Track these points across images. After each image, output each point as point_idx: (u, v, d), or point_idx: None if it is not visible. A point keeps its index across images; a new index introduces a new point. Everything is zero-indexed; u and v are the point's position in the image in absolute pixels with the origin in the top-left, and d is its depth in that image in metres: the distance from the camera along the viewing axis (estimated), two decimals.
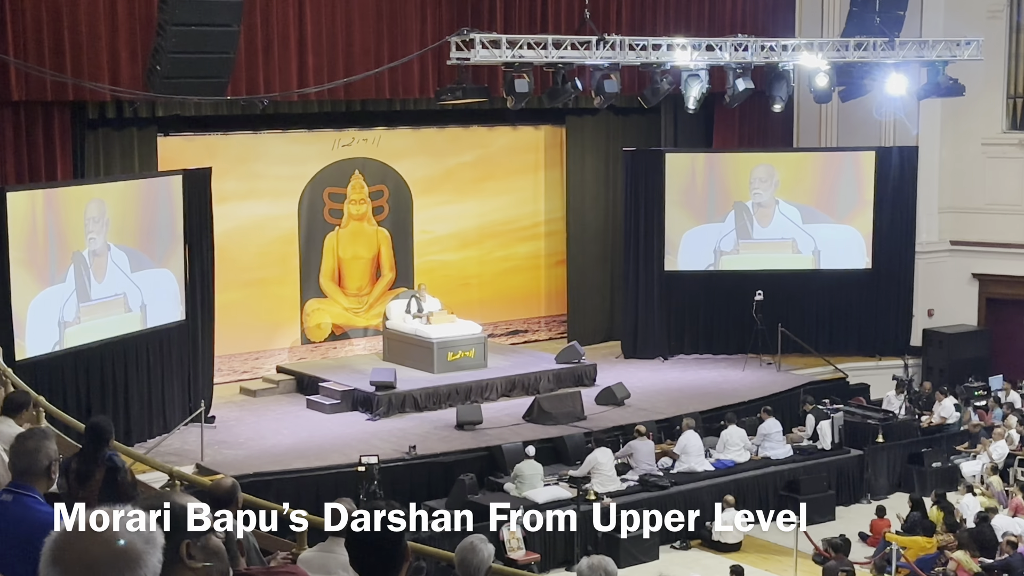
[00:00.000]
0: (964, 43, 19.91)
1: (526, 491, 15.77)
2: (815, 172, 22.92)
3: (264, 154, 20.47)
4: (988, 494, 16.95)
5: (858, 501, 17.92)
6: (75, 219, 16.37)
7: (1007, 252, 23.08)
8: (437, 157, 22.14)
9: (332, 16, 19.00)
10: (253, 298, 20.32)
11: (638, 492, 16.31)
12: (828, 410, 18.86)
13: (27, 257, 15.46)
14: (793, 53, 19.19)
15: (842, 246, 22.59)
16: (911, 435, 19.19)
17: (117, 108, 18.09)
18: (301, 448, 16.75)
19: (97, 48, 16.95)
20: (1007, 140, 23.13)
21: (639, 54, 18.17)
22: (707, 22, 21.93)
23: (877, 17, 19.78)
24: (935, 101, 21.25)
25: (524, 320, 23.37)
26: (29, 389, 10.94)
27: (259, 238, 20.46)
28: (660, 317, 22.41)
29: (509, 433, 17.44)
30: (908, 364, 22.38)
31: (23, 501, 4.69)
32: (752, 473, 17.34)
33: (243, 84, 17.49)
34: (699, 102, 19.25)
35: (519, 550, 14.51)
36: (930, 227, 23.26)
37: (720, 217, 22.61)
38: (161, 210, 17.52)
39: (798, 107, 22.48)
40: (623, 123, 23.00)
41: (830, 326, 22.39)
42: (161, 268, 17.49)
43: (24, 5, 16.40)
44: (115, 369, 16.74)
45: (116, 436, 13.35)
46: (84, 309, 16.42)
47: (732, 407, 18.88)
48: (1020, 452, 18.63)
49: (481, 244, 22.78)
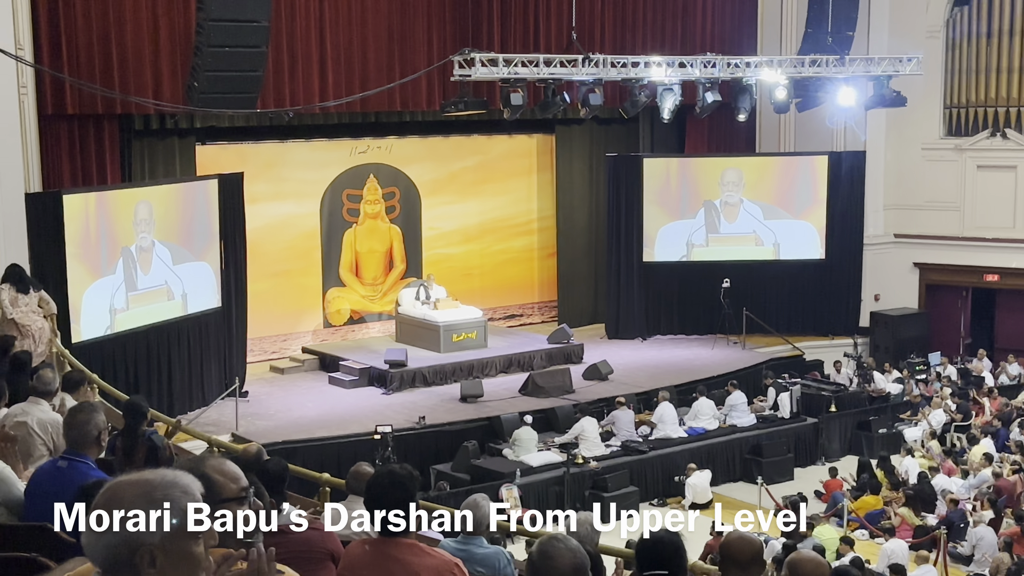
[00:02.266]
0: (906, 59, 19.91)
1: (522, 455, 15.79)
2: (775, 174, 22.90)
3: (290, 160, 20.43)
4: (928, 457, 17.00)
5: (813, 463, 17.94)
6: (124, 218, 16.35)
7: (944, 244, 23.11)
8: (442, 162, 22.10)
9: (349, 38, 18.98)
10: (281, 287, 20.31)
11: (620, 456, 16.38)
12: (787, 383, 18.89)
13: (81, 252, 15.44)
14: (755, 69, 19.19)
15: (799, 239, 22.58)
16: (860, 405, 19.25)
17: (160, 120, 18.05)
18: (324, 419, 16.77)
19: (142, 67, 16.91)
20: (944, 145, 23.13)
21: (620, 71, 18.15)
22: (680, 42, 21.88)
23: (829, 37, 19.78)
24: (880, 111, 21.23)
25: (519, 305, 23.36)
26: (84, 368, 10.94)
27: (285, 234, 20.44)
28: (639, 302, 22.41)
29: (507, 405, 17.45)
30: (857, 343, 22.40)
31: (77, 466, 4.69)
32: (720, 439, 17.40)
33: (271, 98, 17.45)
34: (673, 113, 19.23)
35: (516, 508, 14.51)
36: (876, 222, 23.26)
37: (691, 214, 22.59)
38: (199, 210, 17.49)
39: (760, 117, 22.45)
40: (606, 132, 22.96)
41: (788, 309, 22.37)
42: (200, 261, 17.46)
43: (77, 29, 16.36)
44: (159, 350, 16.74)
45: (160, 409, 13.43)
46: (132, 298, 16.40)
47: (703, 381, 18.89)
48: (955, 419, 18.68)
49: (481, 239, 22.75)
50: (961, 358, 22.13)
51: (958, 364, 21.57)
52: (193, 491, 2.30)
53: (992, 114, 22.75)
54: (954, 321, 23.24)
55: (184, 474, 2.33)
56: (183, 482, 2.29)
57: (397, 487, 3.90)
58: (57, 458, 4.85)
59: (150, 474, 2.30)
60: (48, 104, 16.37)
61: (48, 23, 16.19)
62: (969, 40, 22.77)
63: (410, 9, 19.62)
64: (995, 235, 22.62)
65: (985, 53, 22.66)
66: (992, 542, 13.70)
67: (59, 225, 14.92)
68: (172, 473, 2.31)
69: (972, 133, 22.93)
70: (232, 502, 2.90)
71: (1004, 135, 22.62)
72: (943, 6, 22.82)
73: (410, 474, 4.00)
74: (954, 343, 22.95)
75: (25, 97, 15.43)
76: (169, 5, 17.08)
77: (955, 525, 14.22)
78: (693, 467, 16.25)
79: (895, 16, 22.65)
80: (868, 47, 21.46)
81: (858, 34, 20.64)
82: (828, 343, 22.24)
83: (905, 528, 14.60)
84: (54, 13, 16.20)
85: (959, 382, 20.58)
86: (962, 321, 23.36)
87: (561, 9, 20.49)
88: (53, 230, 14.92)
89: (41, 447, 6.30)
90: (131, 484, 2.27)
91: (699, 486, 16.12)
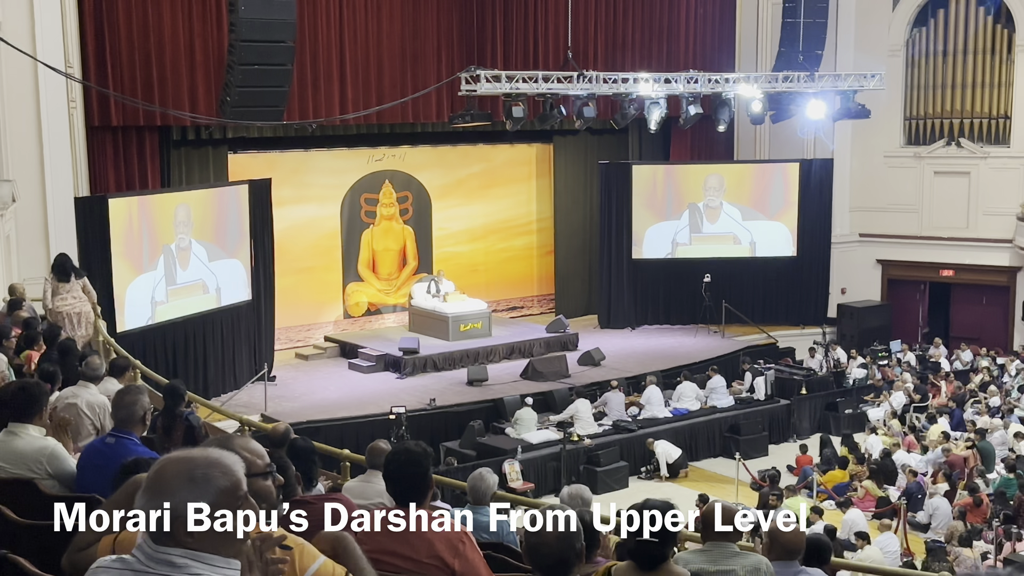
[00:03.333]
0: (870, 76, 19.90)
1: (523, 433, 15.82)
2: (751, 179, 22.88)
3: (313, 167, 20.44)
4: (890, 434, 17.02)
5: (786, 440, 17.96)
6: (164, 220, 16.39)
7: (904, 242, 23.14)
8: (451, 169, 22.11)
9: (366, 56, 19.00)
10: (305, 282, 20.33)
11: (611, 434, 16.40)
12: (762, 368, 18.90)
13: (125, 250, 15.49)
14: (734, 84, 19.18)
15: (773, 238, 22.57)
16: (828, 388, 19.25)
17: (196, 131, 18.09)
18: (344, 401, 16.80)
19: (179, 83, 16.94)
20: (904, 153, 23.14)
21: (611, 86, 18.16)
22: (665, 60, 21.86)
23: (800, 55, 19.77)
24: (847, 122, 21.22)
25: (520, 298, 23.36)
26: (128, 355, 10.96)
27: (309, 234, 20.46)
28: (628, 295, 22.42)
29: (509, 388, 17.48)
30: (826, 332, 22.40)
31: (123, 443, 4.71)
32: (702, 419, 17.41)
33: (296, 111, 17.47)
34: (659, 124, 19.25)
35: (518, 480, 14.55)
36: (842, 222, 23.25)
37: (676, 216, 22.58)
38: (232, 212, 17.51)
39: (738, 127, 22.44)
40: (599, 141, 22.95)
41: (763, 301, 22.37)
42: (232, 259, 17.48)
43: (121, 49, 16.40)
44: (195, 339, 16.79)
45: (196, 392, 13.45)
46: (171, 291, 16.44)
47: (686, 366, 18.91)
48: (915, 401, 18.70)
49: (486, 238, 22.75)
50: (919, 345, 22.15)
51: (917, 351, 21.59)
52: (234, 471, 2.30)
53: (948, 125, 22.76)
54: (913, 312, 23.26)
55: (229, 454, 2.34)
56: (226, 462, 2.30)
57: (413, 463, 3.92)
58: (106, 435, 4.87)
59: (197, 452, 2.31)
60: (95, 116, 16.41)
61: (95, 43, 16.23)
62: (927, 58, 22.77)
63: (421, 30, 19.64)
64: (950, 234, 22.64)
65: (941, 70, 22.66)
66: (947, 512, 13.73)
67: (105, 226, 14.97)
68: (217, 453, 2.31)
69: (929, 142, 22.94)
70: (258, 476, 2.94)
71: (959, 144, 22.63)
72: (903, 27, 22.82)
73: (424, 451, 4.01)
74: (913, 332, 22.98)
75: (74, 110, 15.46)
76: (204, 27, 17.11)
77: (914, 496, 14.24)
78: (651, 440, 16.28)
79: (860, 36, 22.64)
80: (835, 64, 21.43)
81: (826, 53, 20.62)
82: (799, 332, 22.25)
83: (869, 499, 14.62)
84: (100, 34, 16.24)
85: (918, 367, 20.62)
86: (920, 312, 23.37)
87: (558, 30, 20.49)
88: (100, 230, 14.97)
89: (89, 426, 6.31)
90: (176, 461, 2.28)
91: (666, 452, 16.17)
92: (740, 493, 14.77)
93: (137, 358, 11.77)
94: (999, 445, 15.80)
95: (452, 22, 20.01)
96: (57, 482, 4.73)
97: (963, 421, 17.27)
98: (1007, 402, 17.80)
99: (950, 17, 22.46)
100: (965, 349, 21.26)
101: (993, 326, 22.59)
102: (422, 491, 3.94)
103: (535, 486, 14.79)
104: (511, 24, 20.58)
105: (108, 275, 14.99)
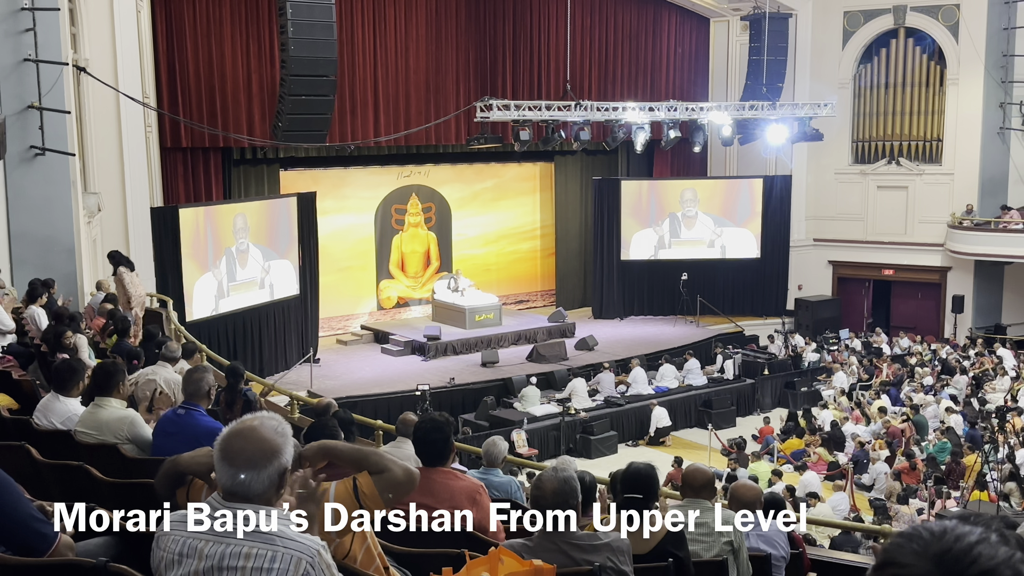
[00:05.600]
0: (823, 105, 19.87)
1: (528, 407, 15.82)
2: (722, 193, 22.83)
3: (351, 182, 20.44)
4: (839, 409, 16.97)
5: (751, 414, 17.95)
6: (225, 226, 16.41)
7: (851, 246, 23.10)
8: (468, 184, 22.09)
9: (396, 88, 19.01)
10: (344, 279, 20.34)
11: (603, 408, 16.38)
12: (731, 352, 18.88)
13: (193, 252, 15.52)
14: (707, 112, 19.15)
15: (741, 242, 22.53)
16: (787, 369, 19.20)
17: (252, 152, 18.13)
18: (377, 379, 16.82)
19: (238, 111, 16.98)
20: (852, 171, 23.07)
21: (603, 113, 18.15)
22: (649, 91, 21.84)
23: (764, 87, 19.77)
24: (803, 144, 21.20)
25: (526, 293, 23.36)
26: (196, 340, 10.99)
27: (348, 239, 20.46)
28: (618, 290, 22.39)
29: (517, 369, 17.47)
30: (785, 321, 22.37)
31: (192, 414, 4.70)
32: (680, 395, 17.38)
33: (337, 135, 17.51)
34: (644, 145, 19.24)
35: (524, 447, 14.56)
36: (799, 229, 23.20)
37: (659, 223, 22.54)
38: (282, 220, 17.53)
39: (711, 148, 22.40)
40: (593, 160, 22.92)
41: (732, 296, 22.34)
42: (283, 259, 17.51)
43: (189, 82, 16.44)
44: (252, 327, 16.82)
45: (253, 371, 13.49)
46: (232, 287, 16.47)
47: (666, 351, 18.89)
48: (861, 380, 18.65)
49: (497, 243, 22.74)
50: (864, 333, 22.08)
51: (862, 338, 21.53)
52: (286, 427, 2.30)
53: (889, 147, 22.68)
54: (859, 305, 23.20)
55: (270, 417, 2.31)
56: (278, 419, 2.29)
57: (437, 430, 3.95)
58: (177, 407, 4.86)
59: (254, 419, 2.27)
60: (167, 139, 16.46)
61: (167, 78, 16.28)
62: (871, 89, 22.69)
63: (443, 66, 19.64)
64: (891, 239, 22.57)
65: (884, 100, 22.58)
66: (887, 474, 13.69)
67: (176, 232, 15.01)
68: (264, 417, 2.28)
69: (873, 161, 22.86)
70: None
71: (898, 162, 22.55)
72: (851, 63, 22.74)
73: (446, 421, 4.03)
74: (859, 322, 22.92)
75: (150, 134, 15.50)
76: (259, 64, 17.14)
77: (860, 462, 14.20)
78: (655, 403, 16.31)
79: (814, 71, 22.58)
80: (794, 95, 21.39)
81: (786, 85, 20.63)
82: (762, 322, 22.24)
83: (821, 463, 14.59)
84: (172, 70, 16.28)
85: (863, 352, 20.55)
86: (865, 305, 23.31)
87: (558, 66, 20.48)
88: (172, 235, 15.01)
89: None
90: (246, 437, 2.23)
91: (659, 417, 16.18)
92: (712, 458, 14.75)
93: (203, 343, 11.81)
94: (931, 418, 15.76)
95: (469, 59, 20.00)
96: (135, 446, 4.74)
97: (901, 398, 17.22)
98: (938, 382, 17.74)
99: (891, 55, 22.38)
100: (903, 337, 21.19)
101: (927, 317, 22.52)
102: (445, 454, 3.95)
103: (539, 452, 14.81)
104: (519, 61, 20.57)
105: (179, 273, 15.03)
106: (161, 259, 14.83)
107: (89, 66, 13.02)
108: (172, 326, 12.08)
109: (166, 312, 12.60)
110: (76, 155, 11.26)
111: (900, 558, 1.18)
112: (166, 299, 13.52)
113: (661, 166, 23.46)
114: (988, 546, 1.16)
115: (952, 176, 21.81)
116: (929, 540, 1.18)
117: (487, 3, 20.10)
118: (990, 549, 1.16)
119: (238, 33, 16.99)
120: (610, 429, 15.98)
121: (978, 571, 1.14)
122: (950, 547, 1.16)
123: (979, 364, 18.65)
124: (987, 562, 1.15)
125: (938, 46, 21.79)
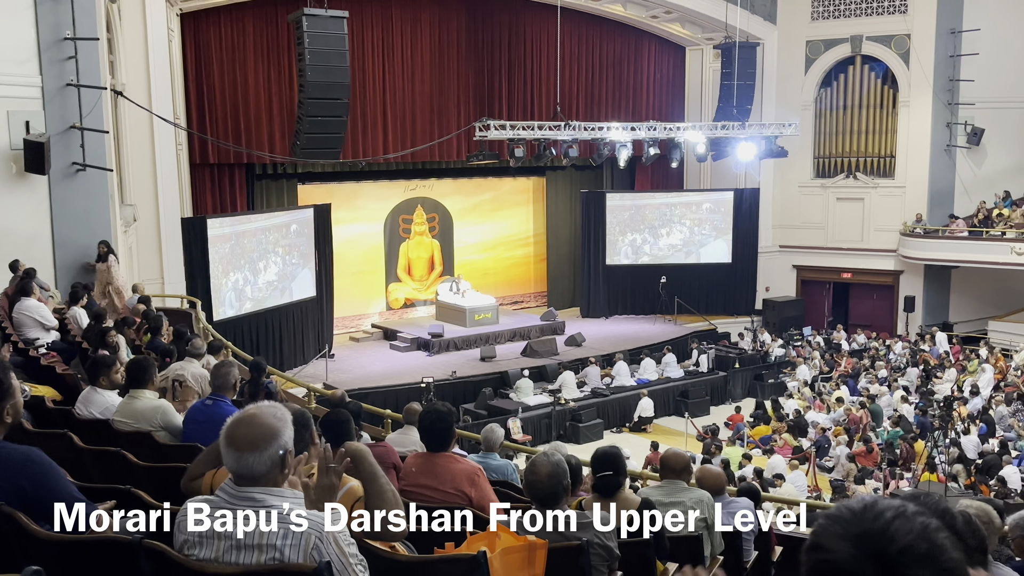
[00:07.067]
0: (787, 124, 19.88)
1: (522, 398, 15.81)
2: (698, 204, 22.84)
3: (363, 195, 20.41)
4: (802, 399, 16.98)
5: (724, 403, 17.92)
6: (249, 235, 16.37)
7: (813, 251, 23.09)
8: (468, 196, 22.06)
9: (403, 109, 19.01)
10: (356, 283, 20.30)
11: (590, 398, 16.36)
12: (705, 348, 18.87)
13: (220, 258, 15.47)
14: (683, 131, 19.14)
15: (714, 248, 22.53)
16: (755, 363, 19.20)
17: (274, 167, 18.11)
18: (386, 373, 16.79)
19: (260, 130, 16.96)
20: (814, 184, 23.08)
21: (590, 132, 18.13)
22: (632, 113, 21.85)
23: (734, 109, 19.76)
24: (770, 160, 21.19)
25: (521, 295, 23.34)
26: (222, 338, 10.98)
27: (360, 246, 20.42)
28: (604, 292, 22.37)
29: (512, 363, 17.45)
30: (753, 320, 22.38)
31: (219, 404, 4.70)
32: (659, 387, 17.34)
33: (349, 152, 17.48)
34: (627, 161, 19.17)
35: (519, 433, 14.55)
36: (767, 236, 23.21)
37: (640, 232, 22.54)
38: (301, 229, 17.50)
39: (687, 164, 22.39)
40: (581, 175, 22.92)
41: (706, 297, 22.32)
42: (301, 264, 17.47)
43: (216, 105, 16.43)
44: (273, 325, 16.79)
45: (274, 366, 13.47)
46: (254, 289, 16.44)
47: (647, 346, 18.89)
48: (822, 372, 18.66)
49: (494, 249, 22.70)
50: (825, 331, 22.10)
51: (823, 335, 21.55)
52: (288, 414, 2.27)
53: (847, 162, 22.70)
54: (820, 305, 23.21)
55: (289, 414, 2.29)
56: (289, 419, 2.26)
57: (441, 420, 3.95)
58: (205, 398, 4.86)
59: (259, 407, 2.25)
60: (196, 155, 16.43)
61: (196, 100, 16.26)
62: (831, 111, 22.72)
63: (445, 90, 19.63)
64: (849, 246, 22.60)
65: (842, 120, 22.61)
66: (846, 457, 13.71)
67: (205, 240, 14.98)
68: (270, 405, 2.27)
69: (833, 175, 22.89)
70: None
71: (855, 176, 22.59)
72: (813, 87, 22.78)
73: (449, 410, 4.03)
74: (820, 321, 22.93)
75: (181, 151, 15.49)
76: (280, 87, 17.12)
77: (821, 446, 14.22)
78: (644, 392, 16.31)
79: (780, 94, 22.61)
80: (761, 116, 21.41)
81: (754, 107, 20.63)
82: (733, 320, 22.21)
83: (787, 448, 14.60)
84: (200, 93, 16.26)
85: (824, 347, 20.57)
86: (826, 305, 23.32)
87: (549, 90, 20.46)
88: (200, 243, 14.98)
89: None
90: (247, 424, 2.22)
91: (644, 406, 16.18)
92: (688, 443, 14.75)
93: (228, 340, 11.79)
94: (886, 407, 15.78)
95: (469, 84, 19.99)
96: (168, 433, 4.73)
97: (858, 388, 17.24)
98: (892, 374, 17.77)
99: (849, 79, 22.43)
100: (860, 333, 21.22)
101: (882, 316, 22.54)
102: (447, 441, 3.95)
103: (532, 438, 14.80)
104: (514, 85, 20.56)
105: (207, 277, 15.00)
106: (191, 264, 14.81)
107: (125, 90, 13.01)
108: (200, 325, 12.06)
109: (195, 312, 12.59)
110: (114, 170, 11.25)
111: (825, 542, 1.13)
112: (195, 300, 13.50)
113: (642, 180, 23.46)
114: (904, 520, 1.10)
115: (904, 189, 21.86)
116: (850, 520, 1.12)
117: (485, 33, 20.10)
118: (906, 524, 1.10)
119: (260, 60, 16.98)
120: (596, 417, 15.97)
121: (896, 549, 1.08)
122: (868, 527, 1.11)
123: (921, 358, 18.72)
124: (903, 538, 1.09)
125: (891, 72, 21.84)
